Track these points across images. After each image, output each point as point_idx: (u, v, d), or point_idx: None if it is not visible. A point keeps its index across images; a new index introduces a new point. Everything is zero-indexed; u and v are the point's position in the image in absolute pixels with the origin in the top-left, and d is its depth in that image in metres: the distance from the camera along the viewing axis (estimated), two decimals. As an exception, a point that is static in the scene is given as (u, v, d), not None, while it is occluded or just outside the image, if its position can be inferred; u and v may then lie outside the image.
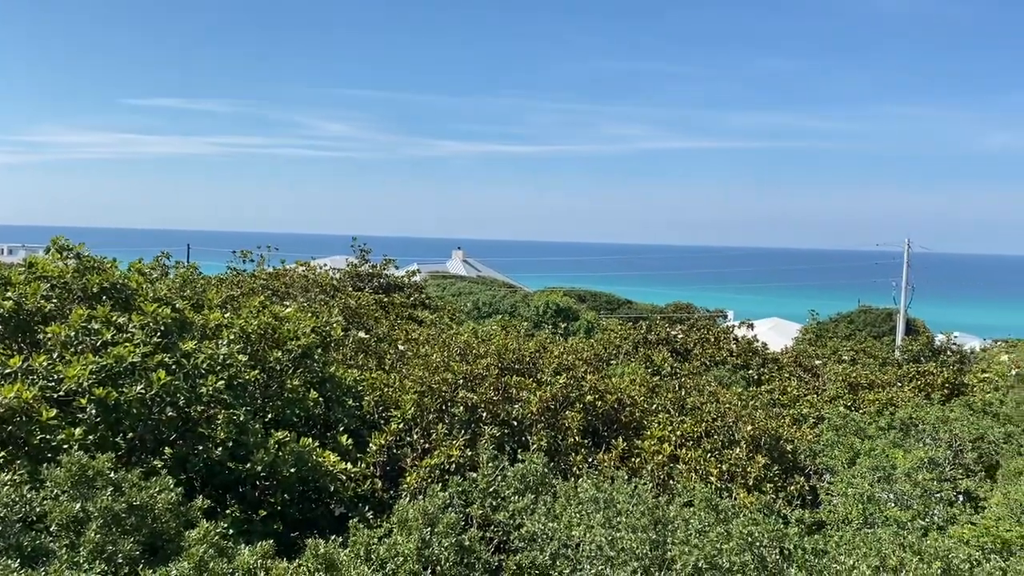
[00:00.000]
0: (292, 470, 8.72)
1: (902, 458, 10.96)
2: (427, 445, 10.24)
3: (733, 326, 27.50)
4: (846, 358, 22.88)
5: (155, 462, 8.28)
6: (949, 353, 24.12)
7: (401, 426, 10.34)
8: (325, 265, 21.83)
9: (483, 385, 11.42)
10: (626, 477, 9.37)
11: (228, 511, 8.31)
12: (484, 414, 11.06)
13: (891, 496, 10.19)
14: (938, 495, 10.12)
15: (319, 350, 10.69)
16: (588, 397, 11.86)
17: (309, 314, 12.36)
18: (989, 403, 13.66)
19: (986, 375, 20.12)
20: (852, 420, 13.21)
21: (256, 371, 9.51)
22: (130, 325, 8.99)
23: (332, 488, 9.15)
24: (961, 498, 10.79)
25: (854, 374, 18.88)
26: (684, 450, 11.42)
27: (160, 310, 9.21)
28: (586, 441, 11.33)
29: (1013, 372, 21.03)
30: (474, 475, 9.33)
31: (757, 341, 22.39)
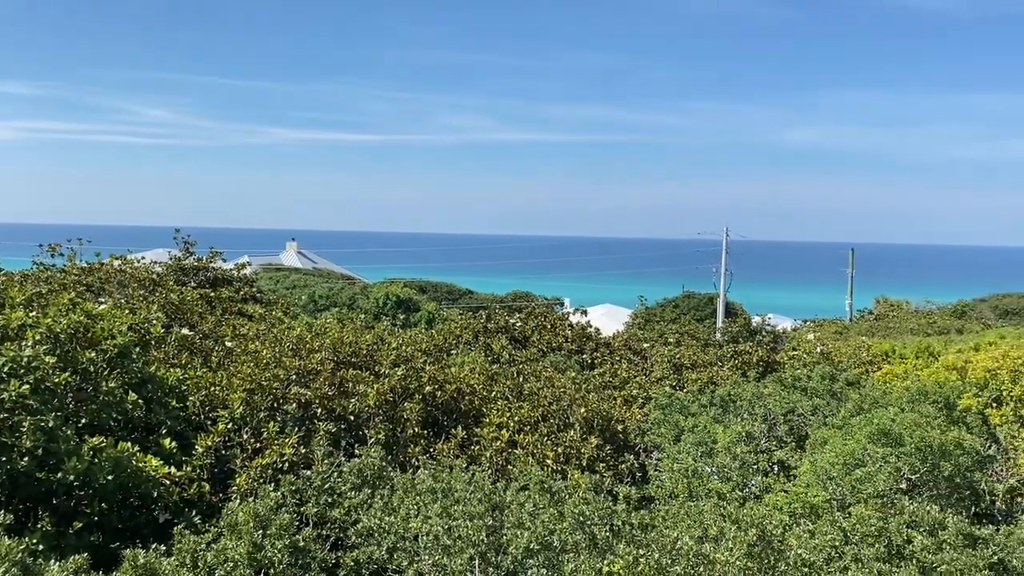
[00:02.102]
0: (110, 477, 8.15)
1: (722, 433, 11.66)
2: (258, 445, 9.87)
3: (569, 313, 28.30)
4: (671, 340, 24.03)
5: (-51, 477, 7.55)
6: (764, 333, 25.78)
7: (229, 426, 9.91)
8: (144, 259, 20.56)
9: (317, 380, 11.14)
10: (465, 465, 9.43)
11: (38, 525, 7.69)
12: (319, 410, 10.79)
13: (713, 469, 10.82)
14: (755, 466, 10.84)
15: (138, 349, 10.06)
16: (427, 388, 11.83)
17: (126, 311, 11.62)
18: (798, 378, 14.71)
19: (795, 353, 21.71)
20: (677, 399, 13.90)
21: (67, 373, 8.82)
22: (-85, 328, 8.13)
23: (156, 494, 8.65)
24: (775, 468, 11.59)
25: (679, 355, 19.89)
26: (522, 435, 11.64)
27: (-49, 311, 8.38)
28: (426, 432, 11.31)
29: (818, 349, 22.82)
30: (308, 473, 9.09)
31: (591, 327, 23.14)
